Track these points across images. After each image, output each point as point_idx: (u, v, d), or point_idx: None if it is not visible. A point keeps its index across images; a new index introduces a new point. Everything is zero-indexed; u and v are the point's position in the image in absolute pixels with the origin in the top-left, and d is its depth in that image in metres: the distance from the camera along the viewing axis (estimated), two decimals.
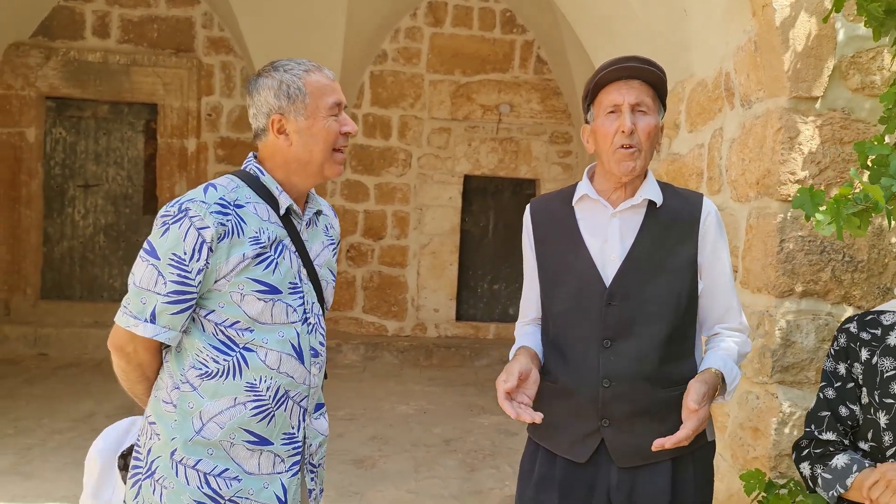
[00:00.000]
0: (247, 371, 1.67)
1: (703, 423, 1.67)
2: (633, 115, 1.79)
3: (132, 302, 1.65)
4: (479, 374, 7.13)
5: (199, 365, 1.68)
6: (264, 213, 1.72)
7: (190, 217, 1.62)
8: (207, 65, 7.58)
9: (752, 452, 2.59)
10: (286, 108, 1.72)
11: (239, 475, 1.68)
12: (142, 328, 1.64)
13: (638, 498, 1.80)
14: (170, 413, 1.69)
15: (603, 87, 1.84)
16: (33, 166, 7.41)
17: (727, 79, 2.92)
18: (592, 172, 1.95)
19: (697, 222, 1.87)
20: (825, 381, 1.69)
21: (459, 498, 4.06)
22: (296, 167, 1.76)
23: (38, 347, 7.03)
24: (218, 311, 1.67)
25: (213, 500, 1.66)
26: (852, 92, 2.47)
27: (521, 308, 2.08)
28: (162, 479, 1.67)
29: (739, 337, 1.89)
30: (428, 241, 7.93)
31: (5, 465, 4.15)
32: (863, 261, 2.48)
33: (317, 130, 1.73)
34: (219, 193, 1.67)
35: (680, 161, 3.48)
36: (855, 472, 1.57)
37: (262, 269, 1.67)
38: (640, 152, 1.81)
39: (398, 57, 7.81)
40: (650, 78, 1.82)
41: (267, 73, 1.75)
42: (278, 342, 1.70)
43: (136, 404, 1.79)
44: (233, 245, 1.64)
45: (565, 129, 7.93)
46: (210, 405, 1.67)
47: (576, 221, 1.91)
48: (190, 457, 1.66)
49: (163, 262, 1.62)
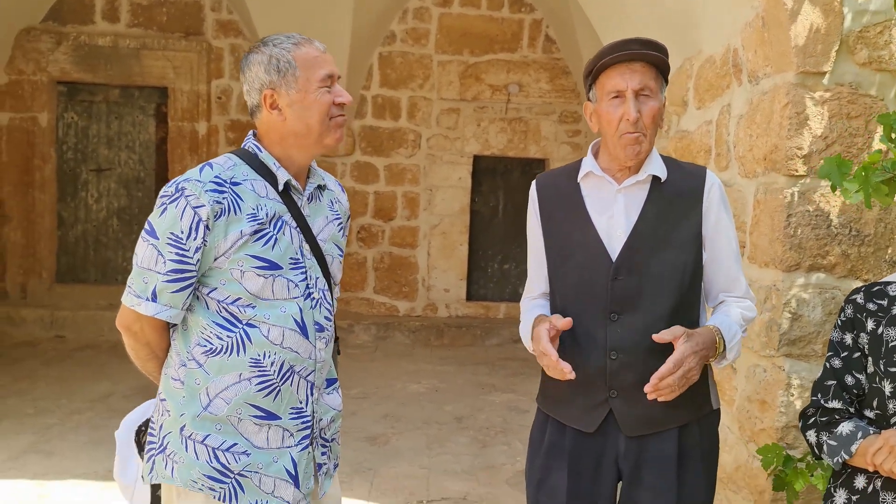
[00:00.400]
0: (250, 347, 1.69)
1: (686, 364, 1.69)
2: (636, 100, 1.81)
3: (135, 281, 1.68)
4: (489, 354, 7.19)
5: (203, 342, 1.70)
6: (262, 190, 1.72)
7: (186, 196, 1.63)
8: (217, 48, 7.61)
9: (760, 425, 2.63)
10: (277, 82, 1.71)
11: (248, 450, 1.70)
12: (144, 307, 1.66)
13: (645, 465, 1.84)
14: (178, 390, 1.71)
15: (605, 70, 1.85)
16: (46, 151, 7.47)
17: (735, 55, 2.93)
18: (597, 149, 1.98)
19: (701, 195, 1.90)
20: (832, 351, 1.72)
21: (471, 473, 4.12)
22: (293, 141, 1.75)
23: (54, 330, 7.13)
24: (220, 289, 1.69)
25: (222, 474, 1.68)
26: (860, 66, 2.48)
27: (528, 283, 2.11)
28: (173, 455, 1.69)
29: (743, 303, 1.92)
30: (438, 222, 7.97)
31: (26, 444, 4.24)
32: (869, 235, 2.50)
33: (309, 103, 1.72)
34: (214, 172, 1.68)
35: (688, 138, 3.49)
36: (860, 438, 1.60)
37: (262, 246, 1.68)
38: (645, 136, 1.84)
39: (406, 38, 7.80)
40: (652, 60, 1.83)
41: (257, 49, 1.74)
42: (280, 317, 1.70)
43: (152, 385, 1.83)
44: (230, 222, 1.65)
45: (574, 108, 7.91)
46: (216, 381, 1.69)
47: (581, 198, 1.94)
48: (198, 432, 1.68)
49: (161, 241, 1.64)
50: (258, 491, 1.71)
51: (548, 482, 1.92)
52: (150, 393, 5.63)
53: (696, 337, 1.75)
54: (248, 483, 1.70)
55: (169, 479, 1.70)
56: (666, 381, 1.70)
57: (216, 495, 1.69)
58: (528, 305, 2.09)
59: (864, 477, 1.64)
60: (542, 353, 1.78)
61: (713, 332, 1.79)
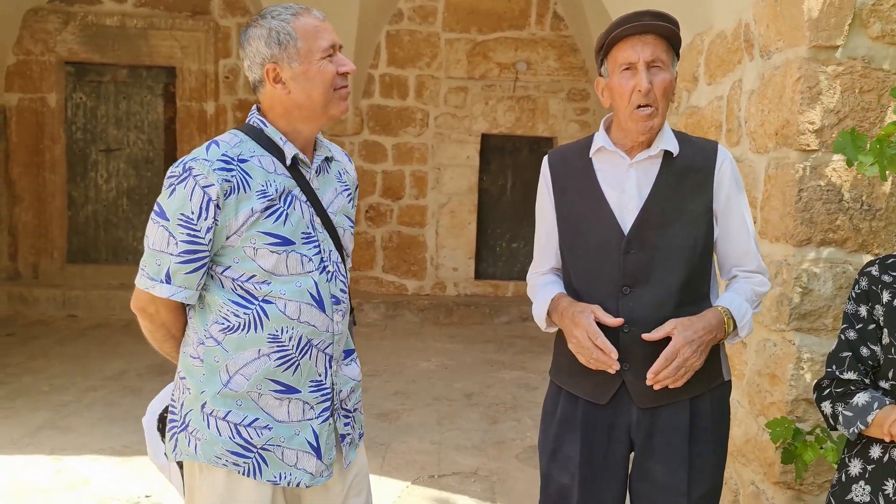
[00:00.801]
0: (268, 323, 1.68)
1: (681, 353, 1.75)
2: (648, 71, 1.81)
3: (148, 264, 1.67)
4: (498, 332, 7.22)
5: (221, 320, 1.69)
6: (270, 166, 1.70)
7: (194, 176, 1.61)
8: (224, 27, 7.59)
9: (770, 398, 2.65)
10: (279, 55, 1.68)
11: (269, 424, 1.70)
12: (159, 289, 1.66)
13: (657, 435, 1.87)
14: (197, 368, 1.72)
15: (617, 43, 1.85)
16: (55, 131, 7.50)
17: (746, 30, 2.92)
18: (609, 123, 1.98)
19: (713, 170, 1.91)
20: (846, 323, 1.73)
21: (482, 448, 4.17)
22: (298, 114, 1.73)
23: (66, 309, 7.20)
24: (234, 267, 1.68)
25: (245, 449, 1.69)
26: (872, 40, 2.46)
27: (536, 258, 2.12)
28: (195, 432, 1.71)
29: (756, 277, 1.94)
30: (446, 201, 7.97)
31: (43, 420, 4.31)
32: (881, 209, 2.50)
33: (312, 74, 1.69)
34: (221, 150, 1.66)
35: (699, 114, 3.48)
36: (875, 409, 1.62)
37: (273, 222, 1.67)
38: (657, 110, 1.84)
39: (414, 16, 7.77)
40: (664, 32, 1.83)
41: (256, 23, 1.71)
42: (296, 292, 1.70)
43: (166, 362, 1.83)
44: (240, 200, 1.64)
45: (582, 86, 7.88)
46: (235, 358, 1.69)
47: (594, 172, 1.95)
48: (220, 409, 1.69)
49: (172, 222, 1.62)
50: (281, 464, 1.72)
51: (561, 452, 1.95)
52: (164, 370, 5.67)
53: (694, 325, 1.78)
54: (271, 457, 1.71)
55: (192, 455, 1.72)
56: (662, 374, 1.75)
57: (240, 470, 1.70)
58: (538, 281, 2.10)
59: (879, 447, 1.66)
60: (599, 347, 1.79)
61: (719, 314, 1.82)
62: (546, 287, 2.04)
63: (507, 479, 3.75)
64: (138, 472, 3.64)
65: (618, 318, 1.85)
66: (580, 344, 1.83)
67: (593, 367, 1.83)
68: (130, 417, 4.40)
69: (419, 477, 3.75)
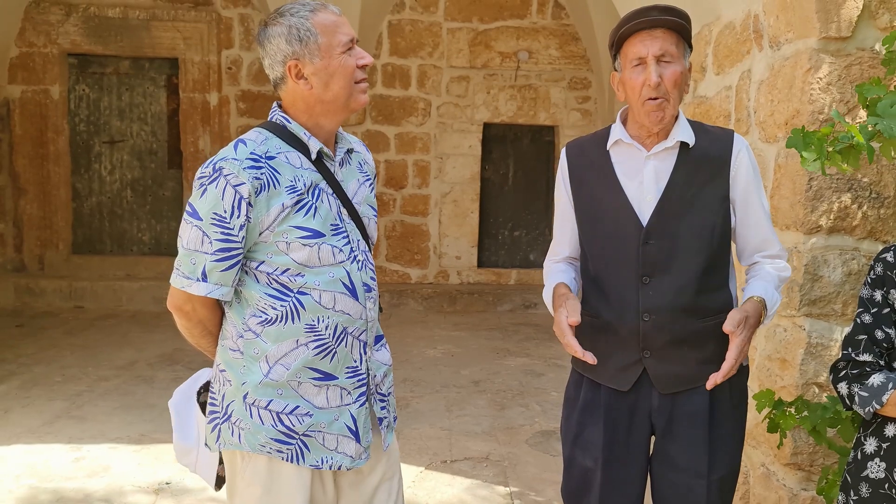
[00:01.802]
0: (304, 313, 1.73)
1: (744, 350, 1.80)
2: (658, 65, 1.86)
3: (183, 263, 1.70)
4: (502, 319, 7.29)
5: (258, 313, 1.74)
6: (296, 161, 1.74)
7: (224, 175, 1.64)
8: (226, 18, 7.61)
9: (780, 382, 2.72)
10: (300, 51, 1.71)
11: (310, 411, 1.75)
12: (195, 287, 1.70)
13: (678, 419, 1.93)
14: (238, 360, 1.76)
15: (627, 38, 1.91)
16: (59, 123, 7.52)
17: (755, 21, 2.97)
18: (625, 116, 2.03)
19: (729, 159, 1.96)
20: (862, 308, 1.80)
21: (491, 434, 4.24)
22: (320, 109, 1.76)
23: (73, 300, 7.25)
24: (268, 262, 1.72)
25: (288, 436, 1.74)
26: (881, 31, 2.52)
27: (553, 245, 2.17)
28: (238, 422, 1.75)
29: (778, 262, 2.00)
30: (449, 190, 8.03)
31: (59, 410, 4.37)
32: (889, 197, 2.56)
33: (334, 69, 1.72)
34: (249, 148, 1.69)
35: (707, 104, 3.54)
36: (891, 389, 1.69)
37: (303, 216, 1.71)
38: (668, 101, 1.88)
39: (416, 5, 7.79)
40: (672, 25, 1.88)
41: (274, 21, 1.73)
42: (330, 282, 1.75)
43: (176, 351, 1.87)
44: (271, 197, 1.67)
45: (584, 74, 7.92)
46: (274, 349, 1.73)
47: (611, 164, 2.00)
48: (262, 398, 1.74)
49: (205, 222, 1.66)
50: (322, 448, 1.77)
51: (583, 436, 2.01)
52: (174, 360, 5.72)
53: (750, 320, 1.84)
54: (313, 442, 1.77)
55: (237, 445, 1.76)
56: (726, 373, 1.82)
57: (283, 457, 1.75)
58: (550, 268, 2.15)
59: (893, 425, 1.73)
60: (566, 345, 1.87)
61: (758, 305, 1.89)
62: (553, 276, 2.10)
63: (519, 464, 3.83)
64: (157, 459, 3.71)
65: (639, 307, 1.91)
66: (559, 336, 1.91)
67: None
68: (145, 406, 4.47)
69: (432, 462, 3.82)
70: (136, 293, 7.31)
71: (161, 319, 6.82)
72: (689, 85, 1.97)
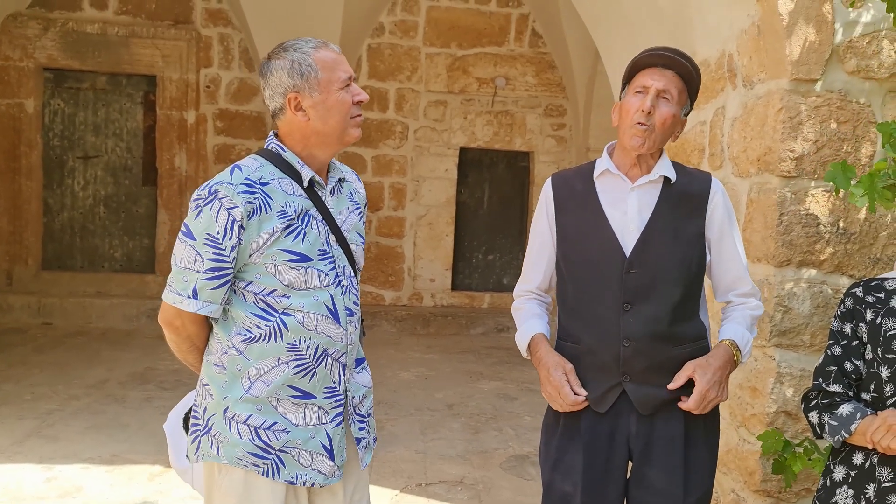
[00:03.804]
0: (287, 333, 1.81)
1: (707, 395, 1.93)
2: (656, 99, 1.97)
3: (176, 280, 1.78)
4: (475, 342, 7.34)
5: (243, 331, 1.81)
6: (289, 188, 1.82)
7: (220, 199, 1.73)
8: (206, 36, 7.63)
9: (751, 410, 2.80)
10: (301, 85, 1.80)
11: (287, 427, 1.82)
12: (186, 304, 1.77)
13: (655, 444, 2.00)
14: (220, 375, 1.83)
15: (640, 71, 2.02)
16: (32, 137, 7.46)
17: (730, 60, 3.08)
18: (612, 150, 2.12)
19: (706, 199, 2.07)
20: (832, 340, 1.89)
21: (465, 458, 4.27)
22: (315, 140, 1.85)
23: (41, 317, 7.15)
24: (255, 282, 1.80)
25: (264, 451, 1.81)
26: (849, 74, 2.64)
27: (526, 273, 2.23)
28: (218, 435, 1.82)
29: (751, 301, 2.10)
30: (424, 213, 8.09)
31: (29, 429, 4.31)
32: (855, 233, 2.67)
33: (331, 104, 1.82)
34: (244, 174, 1.78)
35: (682, 137, 3.64)
36: (858, 419, 1.77)
37: (292, 240, 1.79)
38: (652, 133, 1.98)
39: (395, 30, 7.89)
40: (682, 70, 2.00)
41: (278, 55, 1.83)
42: (314, 305, 1.82)
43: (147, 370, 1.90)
44: (262, 221, 1.75)
45: (559, 102, 8.07)
46: (256, 366, 1.80)
47: (597, 194, 2.08)
48: (241, 413, 1.81)
49: (199, 242, 1.74)
50: (297, 465, 1.84)
51: (563, 461, 2.06)
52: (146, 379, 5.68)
53: (712, 366, 1.96)
54: (288, 458, 1.83)
55: (215, 457, 1.83)
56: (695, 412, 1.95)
57: (259, 470, 1.81)
58: (523, 307, 2.21)
59: (861, 454, 1.81)
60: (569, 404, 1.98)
61: (728, 348, 2.00)
62: (528, 321, 2.16)
63: (493, 488, 3.86)
64: (131, 480, 3.68)
65: (620, 333, 1.98)
66: (552, 398, 2.02)
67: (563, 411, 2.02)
68: (117, 426, 4.43)
69: (407, 485, 3.84)
70: (107, 310, 7.24)
71: (132, 337, 6.76)
72: (677, 134, 2.06)
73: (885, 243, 2.68)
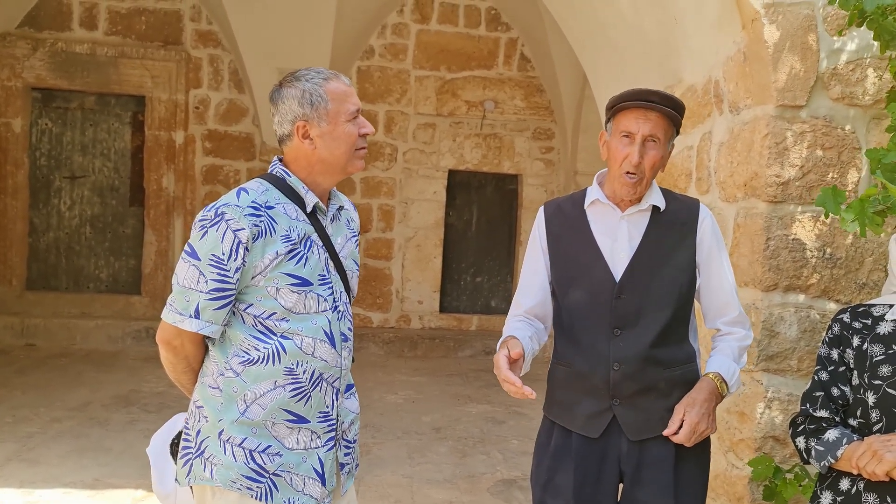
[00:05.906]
0: (285, 357, 1.82)
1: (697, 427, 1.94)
2: (643, 145, 1.99)
3: (177, 300, 1.79)
4: (462, 365, 7.31)
5: (241, 353, 1.82)
6: (293, 213, 1.85)
7: (226, 220, 1.75)
8: (195, 58, 7.64)
9: (739, 435, 2.79)
10: (310, 114, 1.84)
11: (280, 451, 1.83)
12: (187, 323, 1.78)
13: (646, 466, 2.01)
14: (216, 397, 1.83)
15: (624, 110, 2.03)
16: (19, 157, 7.42)
17: (716, 86, 3.11)
18: (602, 179, 2.15)
19: (695, 226, 2.11)
20: (819, 365, 1.90)
21: (453, 482, 4.23)
22: (320, 168, 1.89)
23: (25, 338, 7.07)
24: (256, 305, 1.81)
25: (258, 474, 1.81)
26: (833, 101, 2.67)
27: (517, 298, 2.24)
28: (211, 458, 1.81)
29: (739, 332, 2.12)
30: (413, 235, 8.08)
31: (9, 453, 4.24)
32: (841, 258, 2.68)
33: (338, 134, 1.86)
34: (251, 197, 1.81)
35: (669, 162, 3.66)
36: (845, 444, 1.77)
37: (294, 264, 1.81)
38: (642, 181, 2.03)
39: (385, 53, 7.93)
40: (668, 115, 2.01)
41: (289, 84, 1.87)
42: (312, 329, 1.84)
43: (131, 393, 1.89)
44: (266, 244, 1.78)
45: (548, 125, 8.11)
46: (253, 389, 1.81)
47: (587, 223, 2.11)
48: (236, 436, 1.81)
49: (203, 262, 1.76)
50: (290, 489, 1.83)
51: (554, 482, 2.07)
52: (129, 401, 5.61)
53: (697, 401, 1.97)
54: (282, 482, 1.83)
55: (208, 480, 1.81)
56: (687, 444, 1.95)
57: (253, 494, 1.80)
58: (508, 324, 2.22)
59: (848, 479, 1.80)
60: (503, 380, 1.92)
61: (713, 382, 2.01)
62: (510, 331, 2.15)
63: None
64: None
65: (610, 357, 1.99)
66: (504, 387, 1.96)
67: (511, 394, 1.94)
68: (99, 449, 4.37)
69: None
70: (92, 332, 7.17)
71: (116, 359, 6.69)
72: (664, 162, 2.08)
73: (870, 268, 2.70)
